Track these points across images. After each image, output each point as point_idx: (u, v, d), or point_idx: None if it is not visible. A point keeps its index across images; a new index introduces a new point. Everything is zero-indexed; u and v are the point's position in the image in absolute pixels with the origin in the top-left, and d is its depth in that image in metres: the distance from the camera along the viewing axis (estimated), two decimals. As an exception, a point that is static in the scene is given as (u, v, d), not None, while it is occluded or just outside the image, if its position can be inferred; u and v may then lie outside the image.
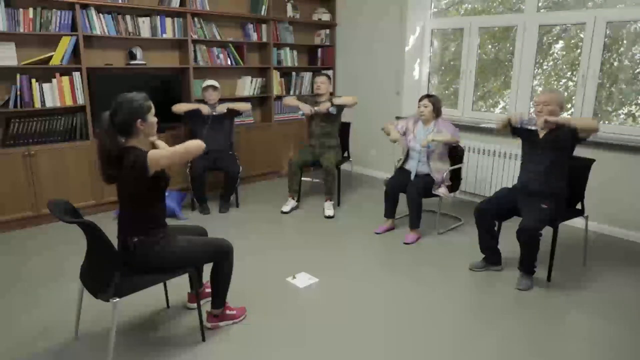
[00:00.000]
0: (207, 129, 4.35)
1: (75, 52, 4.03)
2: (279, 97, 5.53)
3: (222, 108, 4.36)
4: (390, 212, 3.89)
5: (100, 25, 4.11)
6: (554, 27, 4.31)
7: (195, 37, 4.73)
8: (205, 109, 4.30)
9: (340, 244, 3.71)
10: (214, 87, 4.42)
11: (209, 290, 2.59)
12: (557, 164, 2.95)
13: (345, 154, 4.74)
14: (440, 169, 3.76)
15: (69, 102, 4.04)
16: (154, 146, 2.33)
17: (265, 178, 5.50)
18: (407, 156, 3.96)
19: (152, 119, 2.20)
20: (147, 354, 2.31)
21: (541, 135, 3.02)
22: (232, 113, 4.47)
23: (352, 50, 5.73)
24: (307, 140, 4.59)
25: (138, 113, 2.12)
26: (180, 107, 4.35)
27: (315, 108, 4.32)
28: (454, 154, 3.89)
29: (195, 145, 2.19)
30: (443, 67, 5.31)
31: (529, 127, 2.99)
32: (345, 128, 4.72)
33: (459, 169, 3.93)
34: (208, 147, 4.25)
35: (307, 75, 5.76)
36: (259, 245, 3.64)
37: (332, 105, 4.28)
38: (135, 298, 2.24)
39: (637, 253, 3.57)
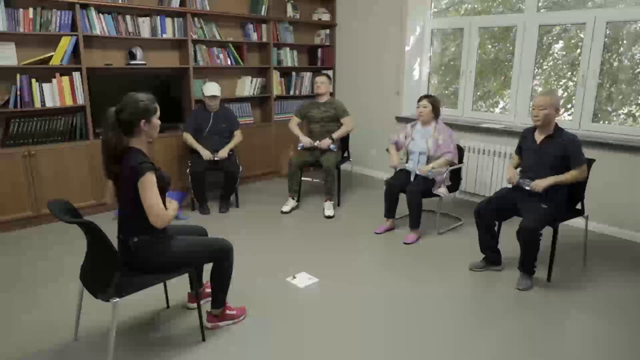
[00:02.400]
0: (208, 133, 4.38)
1: (75, 52, 4.03)
2: (279, 97, 5.53)
3: (223, 154, 4.30)
4: (390, 212, 3.89)
5: (100, 25, 4.11)
6: (554, 27, 4.31)
7: (195, 37, 4.73)
8: (205, 155, 4.24)
9: (340, 244, 3.71)
10: (215, 97, 4.38)
11: (209, 290, 2.60)
12: (556, 164, 2.95)
13: (345, 154, 4.74)
14: (440, 172, 3.75)
15: (69, 102, 4.04)
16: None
17: (265, 178, 5.50)
18: (406, 158, 3.96)
19: (156, 121, 2.20)
20: (147, 354, 2.31)
21: (538, 141, 3.03)
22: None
23: (352, 50, 5.74)
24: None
25: (143, 113, 2.13)
26: (187, 140, 4.35)
27: (316, 143, 4.35)
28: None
29: (164, 217, 2.09)
30: (443, 67, 5.31)
31: (525, 187, 3.00)
32: (345, 128, 4.72)
33: (459, 169, 3.93)
34: (209, 147, 4.31)
35: (307, 75, 5.76)
36: (259, 245, 3.64)
37: (333, 142, 4.33)
38: (135, 298, 2.24)
39: (637, 253, 3.57)
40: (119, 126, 2.11)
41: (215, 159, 4.28)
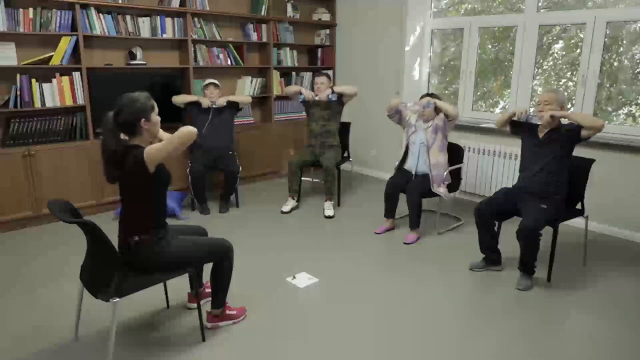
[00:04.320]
0: (208, 127, 4.35)
1: (75, 52, 4.03)
2: (279, 97, 5.54)
3: (222, 101, 4.37)
4: (390, 212, 3.89)
5: (100, 25, 4.11)
6: (554, 27, 4.31)
7: (195, 37, 4.73)
8: (205, 102, 4.32)
9: (340, 244, 3.71)
10: (215, 85, 4.42)
11: (209, 290, 2.60)
12: (556, 163, 2.96)
13: (345, 154, 4.74)
14: (439, 163, 3.75)
15: (69, 102, 4.04)
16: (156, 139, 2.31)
17: (265, 178, 5.50)
18: (406, 154, 3.95)
19: (156, 117, 2.20)
20: (147, 354, 2.31)
21: (541, 135, 3.03)
22: (232, 105, 4.48)
23: (352, 50, 5.74)
24: (307, 140, 4.58)
25: (142, 112, 2.12)
26: (180, 98, 4.39)
27: (317, 98, 4.32)
28: (454, 153, 3.89)
29: (188, 132, 2.09)
30: (443, 67, 5.31)
31: (534, 122, 3.00)
32: (345, 128, 4.72)
33: (459, 169, 3.93)
34: (209, 144, 4.31)
35: (307, 75, 5.76)
36: (259, 245, 3.64)
37: (333, 92, 4.28)
38: (135, 298, 2.24)
39: (637, 253, 3.57)
40: (120, 130, 2.10)
41: (214, 106, 4.33)
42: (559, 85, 4.43)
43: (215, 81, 4.46)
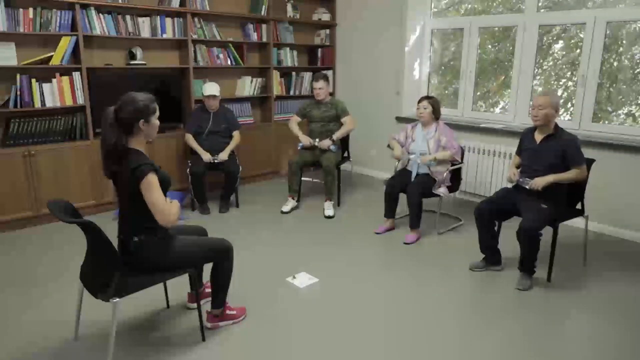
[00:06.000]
0: (208, 133, 4.38)
1: (75, 52, 4.03)
2: (279, 97, 5.54)
3: (223, 156, 4.31)
4: (390, 212, 3.89)
5: (100, 25, 4.11)
6: (554, 27, 4.31)
7: (195, 37, 4.73)
8: (206, 157, 4.26)
9: (340, 244, 3.71)
10: (214, 97, 4.39)
11: (209, 290, 2.60)
12: (556, 163, 2.96)
13: (345, 154, 4.74)
14: (440, 170, 3.76)
15: (69, 102, 4.04)
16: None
17: (265, 178, 5.50)
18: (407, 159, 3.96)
19: (155, 121, 2.20)
20: (147, 354, 2.31)
21: (538, 140, 3.03)
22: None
23: (352, 50, 5.74)
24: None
25: (142, 113, 2.12)
26: (188, 142, 4.38)
27: (316, 142, 4.35)
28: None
29: (171, 217, 2.09)
30: (443, 67, 5.31)
31: (524, 186, 3.03)
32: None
33: (459, 169, 3.93)
34: (210, 145, 4.32)
35: (307, 75, 5.76)
36: (259, 245, 3.64)
37: (333, 142, 4.33)
38: (135, 298, 2.24)
39: (637, 253, 3.57)
40: (118, 126, 2.11)
41: (215, 161, 4.29)
42: (559, 86, 4.43)
43: (216, 92, 4.38)
